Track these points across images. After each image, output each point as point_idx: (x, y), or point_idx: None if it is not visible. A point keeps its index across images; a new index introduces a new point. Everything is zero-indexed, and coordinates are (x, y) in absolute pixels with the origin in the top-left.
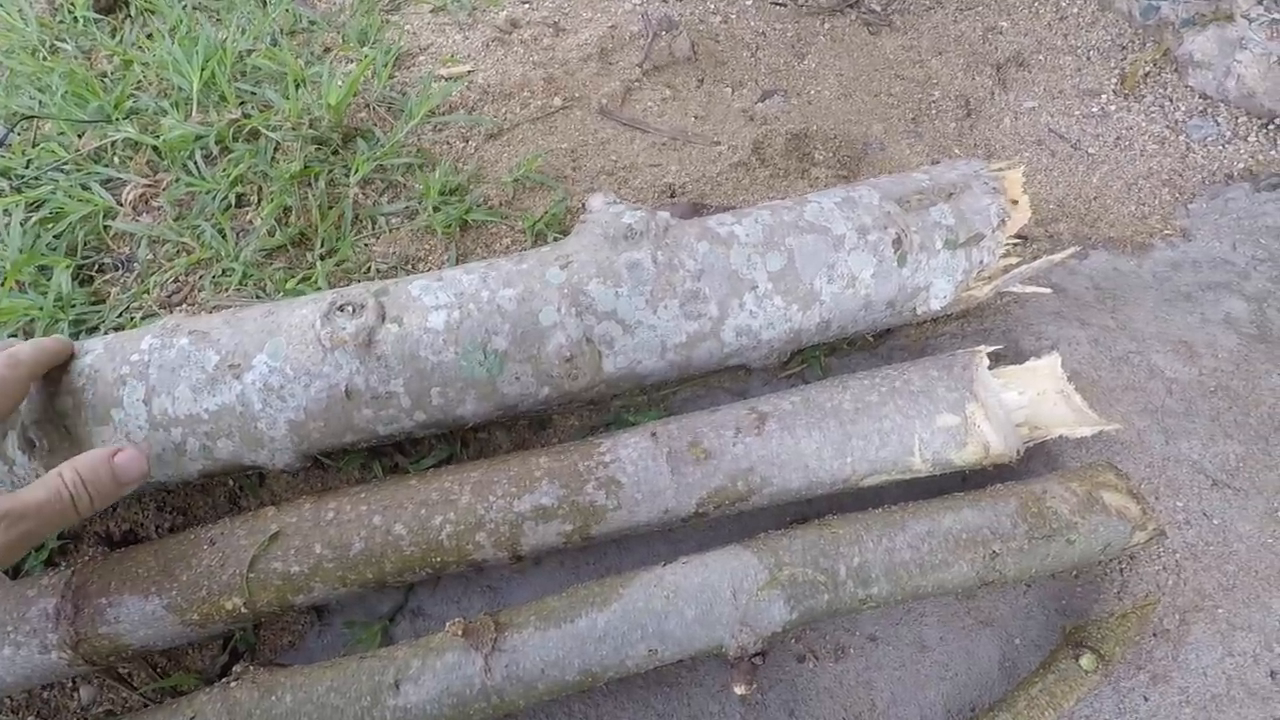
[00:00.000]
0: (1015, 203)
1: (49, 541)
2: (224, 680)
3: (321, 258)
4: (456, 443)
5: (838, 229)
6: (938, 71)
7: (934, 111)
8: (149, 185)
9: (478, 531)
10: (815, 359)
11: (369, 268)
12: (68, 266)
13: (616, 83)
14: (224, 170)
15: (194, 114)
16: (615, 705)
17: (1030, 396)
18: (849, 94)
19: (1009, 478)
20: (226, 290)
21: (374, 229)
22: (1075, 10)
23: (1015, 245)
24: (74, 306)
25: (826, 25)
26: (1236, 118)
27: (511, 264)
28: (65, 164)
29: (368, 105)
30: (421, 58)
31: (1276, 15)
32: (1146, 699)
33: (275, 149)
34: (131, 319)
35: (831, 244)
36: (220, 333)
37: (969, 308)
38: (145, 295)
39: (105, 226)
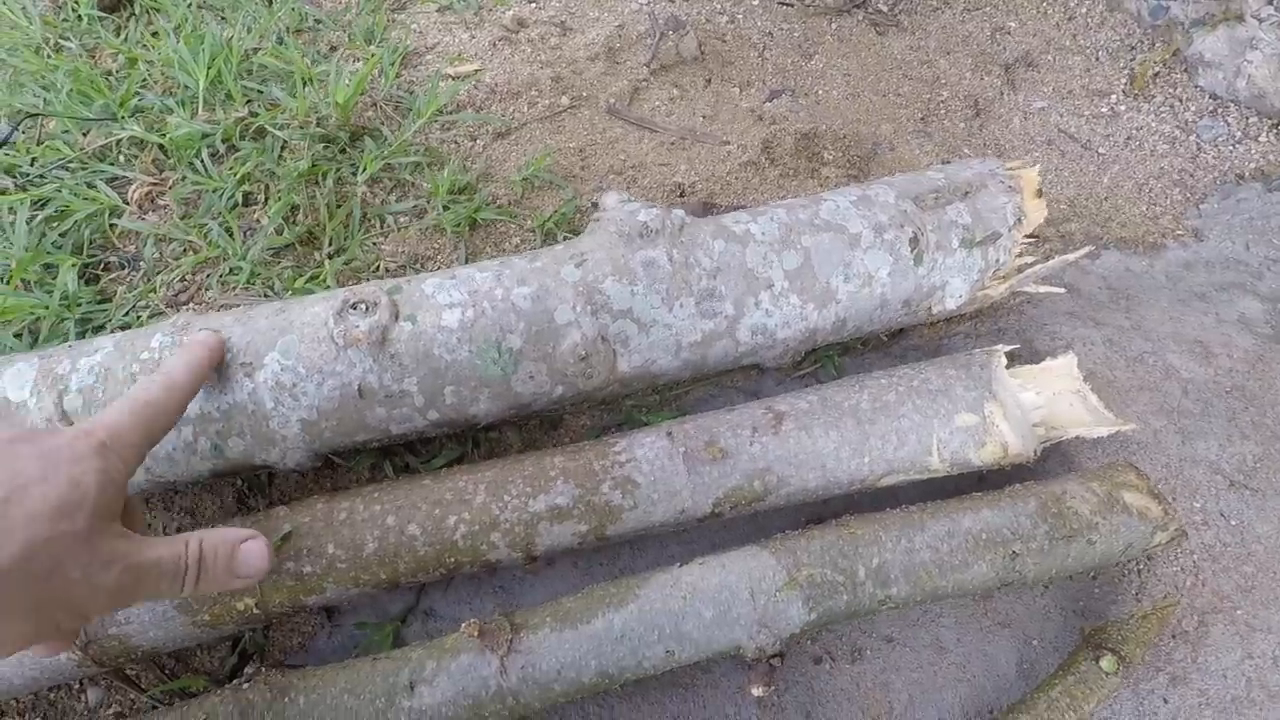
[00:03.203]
0: (1032, 202)
1: None
2: (236, 682)
3: (329, 256)
4: (468, 442)
5: (854, 227)
6: (946, 71)
7: (943, 111)
8: (155, 183)
9: (492, 531)
10: (829, 358)
11: (377, 266)
12: (73, 265)
13: (624, 82)
14: (231, 169)
15: (200, 112)
16: (630, 707)
17: (1047, 396)
18: (857, 94)
19: (1025, 478)
20: (233, 289)
21: (382, 228)
22: (1084, 10)
23: (1029, 244)
24: (80, 305)
25: (833, 25)
26: (1247, 118)
27: (526, 262)
28: (70, 162)
29: (375, 104)
30: (429, 56)
31: None
32: (1166, 701)
33: (282, 147)
34: (138, 318)
35: (848, 242)
36: (231, 331)
37: (983, 307)
38: (152, 294)
39: (111, 225)
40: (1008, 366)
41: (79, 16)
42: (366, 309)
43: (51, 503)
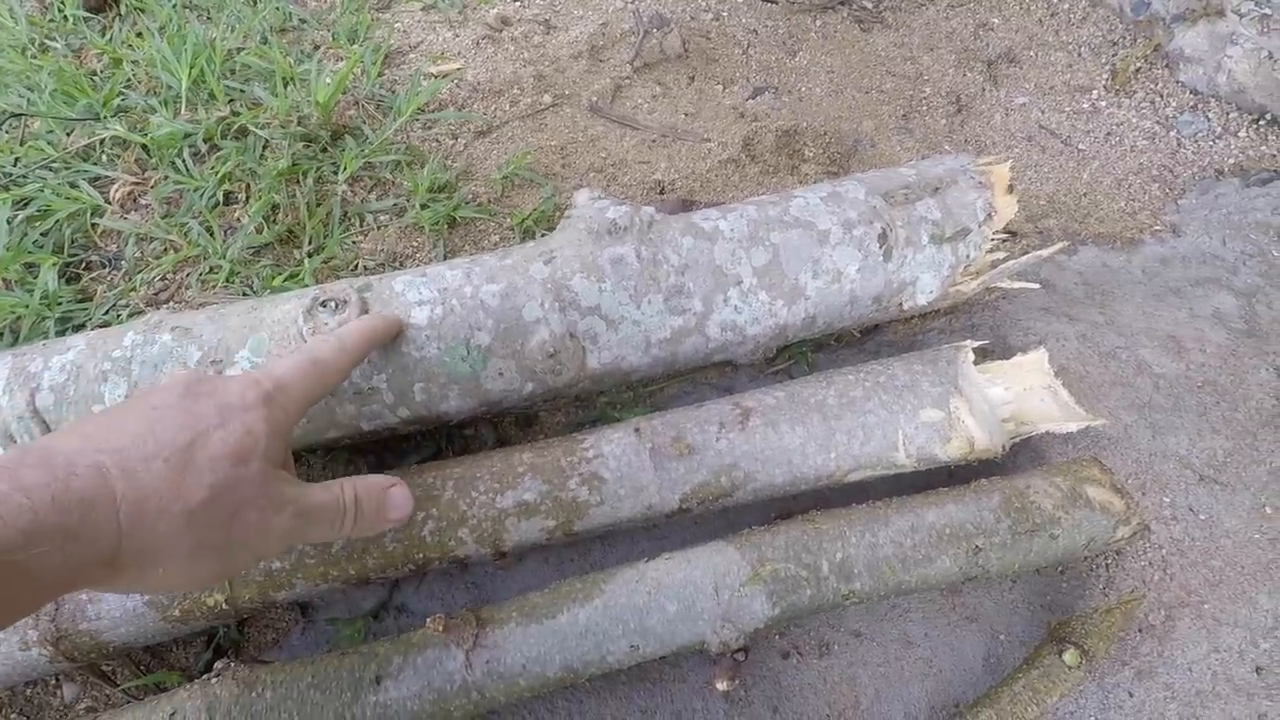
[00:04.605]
0: (1003, 198)
1: None
2: (205, 677)
3: (309, 255)
4: (443, 439)
5: (823, 224)
6: (929, 68)
7: (925, 108)
8: (137, 183)
9: (460, 527)
10: (802, 355)
11: (356, 265)
12: (54, 264)
13: (607, 80)
14: (212, 168)
15: (183, 112)
16: (598, 702)
17: (1016, 392)
18: (840, 91)
19: (995, 473)
20: (213, 288)
21: (362, 226)
22: (1066, 6)
23: (1003, 240)
24: (60, 304)
25: (818, 22)
26: (1227, 113)
27: (495, 259)
28: (53, 162)
29: (357, 103)
30: (412, 55)
31: (1267, 10)
32: (1131, 695)
33: (264, 147)
34: (118, 316)
35: (816, 239)
36: (203, 329)
37: (957, 303)
38: (132, 293)
39: (93, 224)
40: (979, 362)
41: (65, 17)
42: (336, 307)
43: (230, 446)
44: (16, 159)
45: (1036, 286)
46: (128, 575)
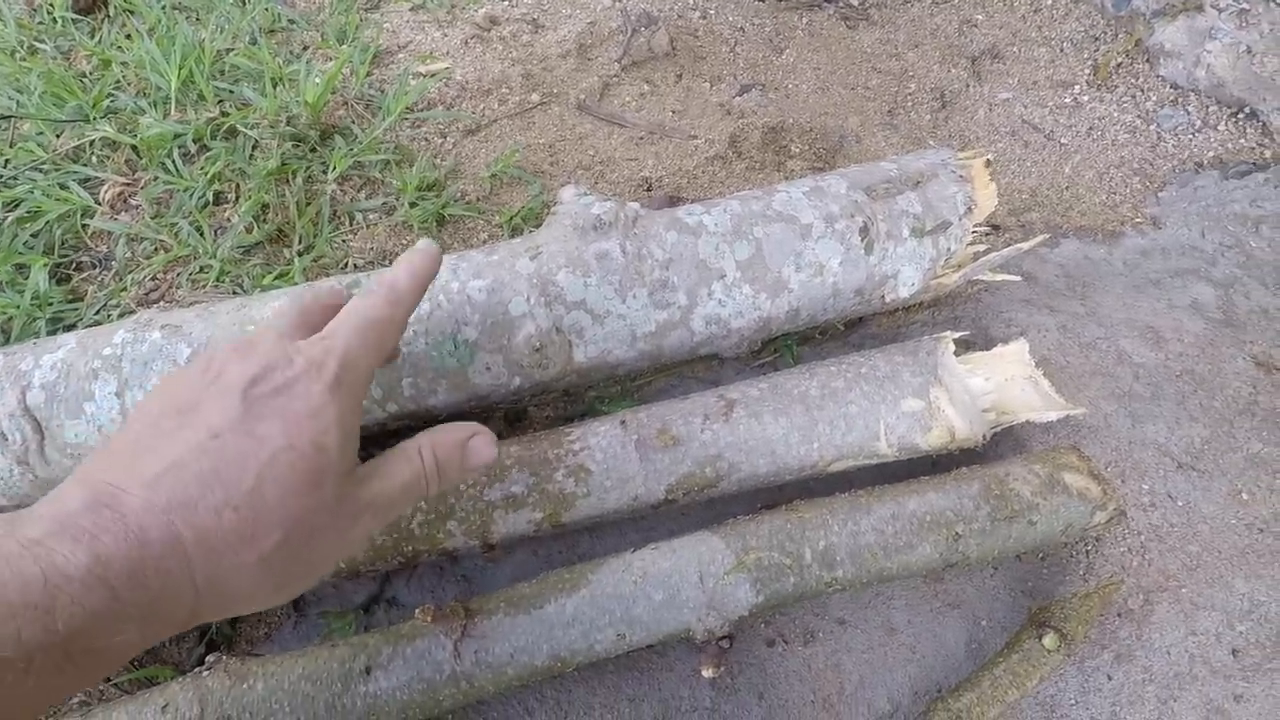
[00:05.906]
0: (983, 191)
1: None
2: (197, 670)
3: (299, 254)
4: None
5: (805, 218)
6: (914, 64)
7: (910, 104)
8: (127, 184)
9: (448, 520)
10: (787, 348)
11: (346, 263)
12: (45, 265)
13: (595, 78)
14: (202, 168)
15: (172, 113)
16: (586, 690)
17: (997, 382)
18: (826, 87)
19: (977, 462)
20: (204, 287)
21: (351, 225)
22: (1049, 2)
23: (985, 234)
24: (51, 304)
25: (804, 20)
26: (1207, 107)
27: (482, 255)
28: (43, 163)
29: (346, 103)
30: (400, 55)
31: (1245, 5)
32: (1110, 678)
33: (253, 147)
34: (109, 316)
35: (799, 233)
36: (193, 326)
37: (939, 295)
38: (123, 293)
39: (83, 225)
40: (960, 353)
41: (54, 19)
42: None
43: (301, 474)
44: (6, 161)
45: (1018, 279)
46: (205, 619)
